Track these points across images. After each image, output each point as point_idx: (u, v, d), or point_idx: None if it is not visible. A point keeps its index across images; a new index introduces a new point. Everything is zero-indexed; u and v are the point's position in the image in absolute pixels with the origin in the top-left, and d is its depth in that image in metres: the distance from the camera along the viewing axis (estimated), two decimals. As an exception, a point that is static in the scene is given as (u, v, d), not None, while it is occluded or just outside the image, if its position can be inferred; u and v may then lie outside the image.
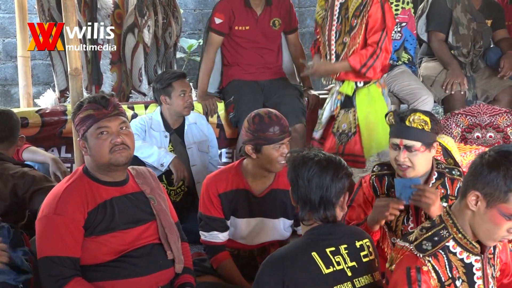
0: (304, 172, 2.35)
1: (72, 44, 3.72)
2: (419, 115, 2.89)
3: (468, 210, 2.15)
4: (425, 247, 2.16)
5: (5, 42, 7.53)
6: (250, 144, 3.16)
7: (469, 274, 2.19)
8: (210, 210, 3.23)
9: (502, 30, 5.13)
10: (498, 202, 2.07)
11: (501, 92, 4.89)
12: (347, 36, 3.99)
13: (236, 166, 3.34)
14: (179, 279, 2.85)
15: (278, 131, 3.16)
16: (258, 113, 3.23)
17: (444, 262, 2.16)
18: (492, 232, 2.12)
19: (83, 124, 2.70)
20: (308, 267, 2.26)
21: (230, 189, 3.25)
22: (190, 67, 7.71)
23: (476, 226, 2.15)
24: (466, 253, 2.19)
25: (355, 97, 4.11)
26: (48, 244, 2.61)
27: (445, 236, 2.19)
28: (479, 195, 2.10)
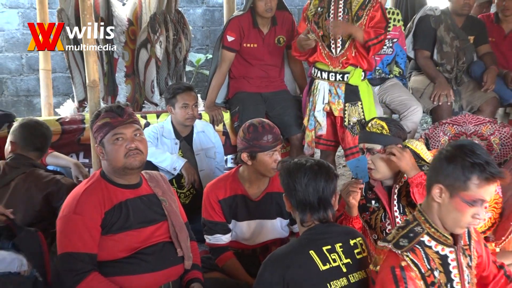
0: (300, 178, 2.37)
1: (90, 57, 3.74)
2: (376, 121, 2.97)
3: (435, 203, 2.21)
4: (402, 243, 2.19)
5: (28, 56, 7.55)
6: (246, 151, 3.18)
7: (445, 265, 2.22)
8: (212, 215, 3.24)
9: (485, 45, 5.12)
10: (459, 191, 2.12)
11: (484, 103, 4.89)
12: (356, 24, 4.06)
13: (233, 173, 3.35)
14: (188, 274, 2.85)
15: (271, 139, 3.18)
16: (252, 123, 3.24)
17: (421, 255, 2.18)
18: (458, 220, 2.17)
19: (100, 131, 2.71)
20: (306, 264, 2.26)
21: (229, 195, 3.26)
22: (198, 79, 7.73)
23: (443, 216, 2.20)
24: (441, 245, 2.22)
25: (359, 90, 4.18)
26: (68, 241, 2.61)
27: (419, 231, 2.23)
28: (442, 187, 2.16)
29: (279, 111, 4.61)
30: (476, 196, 2.12)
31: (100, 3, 4.82)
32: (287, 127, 4.47)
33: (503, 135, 4.15)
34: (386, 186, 3.05)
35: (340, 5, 4.07)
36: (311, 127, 4.24)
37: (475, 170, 2.10)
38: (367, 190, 3.05)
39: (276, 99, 4.68)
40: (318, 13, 4.13)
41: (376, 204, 3.06)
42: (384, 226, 3.02)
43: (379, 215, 3.05)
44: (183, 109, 4.09)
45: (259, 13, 4.50)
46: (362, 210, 3.04)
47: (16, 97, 7.68)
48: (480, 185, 2.11)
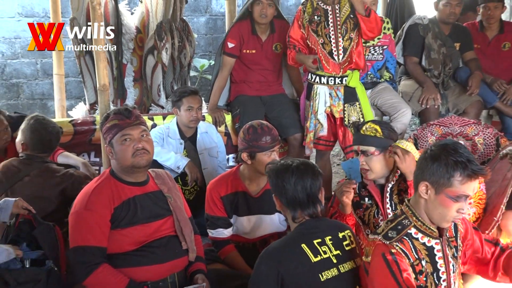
0: (288, 177, 2.40)
1: (100, 63, 3.74)
2: (370, 124, 2.99)
3: (422, 199, 2.23)
4: (390, 235, 2.21)
5: (42, 62, 7.55)
6: (246, 151, 3.18)
7: (431, 256, 2.24)
8: (215, 211, 3.24)
9: (470, 52, 5.12)
10: (444, 188, 2.14)
11: (469, 106, 4.89)
12: (352, 32, 4.12)
13: (234, 171, 3.35)
14: (192, 266, 2.85)
15: (270, 140, 3.18)
16: (252, 125, 3.24)
17: (409, 246, 2.20)
18: (444, 214, 2.19)
19: (109, 132, 2.71)
20: (299, 257, 2.28)
21: (230, 192, 3.26)
22: (201, 84, 7.72)
23: (430, 211, 2.22)
24: (427, 237, 2.25)
25: (357, 92, 4.21)
26: (79, 235, 2.62)
27: (407, 224, 2.25)
28: (427, 184, 2.19)
29: (277, 113, 4.61)
30: (460, 192, 2.14)
31: (110, 12, 4.82)
32: (285, 128, 4.47)
33: (487, 135, 4.15)
34: (378, 184, 3.06)
35: (338, 15, 4.10)
36: (311, 129, 4.25)
37: (458, 167, 2.12)
38: (361, 188, 3.05)
39: (274, 102, 4.68)
40: (316, 21, 4.12)
41: (369, 201, 3.07)
42: (377, 222, 3.03)
43: (372, 212, 3.06)
44: (188, 112, 4.08)
45: (254, 17, 4.51)
46: (356, 207, 3.05)
47: (32, 100, 7.68)
48: (463, 182, 2.13)
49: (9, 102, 7.48)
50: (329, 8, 4.12)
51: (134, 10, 5.12)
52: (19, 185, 3.40)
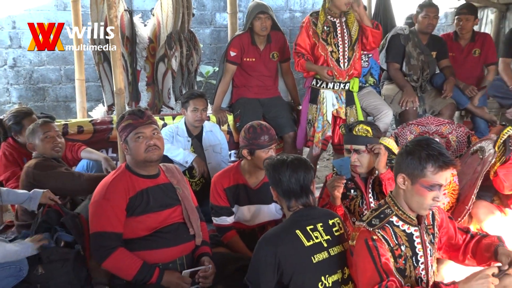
0: (284, 171, 2.41)
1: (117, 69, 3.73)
2: (362, 126, 3.02)
3: (400, 190, 2.24)
4: (374, 222, 2.22)
5: (66, 68, 7.54)
6: (246, 148, 3.19)
7: (410, 241, 2.25)
8: (219, 201, 3.24)
9: (445, 60, 5.12)
10: (418, 178, 2.16)
11: (444, 108, 4.89)
12: (356, 43, 4.19)
13: (236, 166, 3.35)
14: (198, 250, 2.86)
15: (267, 139, 3.19)
16: (252, 125, 3.25)
17: (390, 232, 2.22)
18: (421, 203, 2.20)
19: (124, 131, 2.71)
20: (294, 242, 2.28)
21: (232, 184, 3.26)
22: (207, 88, 7.70)
23: (408, 201, 2.23)
24: (407, 225, 2.26)
25: (354, 96, 4.30)
26: (98, 222, 2.62)
27: (389, 213, 2.26)
28: (404, 176, 2.21)
29: (274, 114, 4.62)
30: (433, 182, 2.15)
31: (125, 24, 4.82)
32: (280, 127, 4.47)
33: (459, 134, 4.16)
34: (362, 177, 3.10)
35: (345, 28, 4.15)
36: (319, 129, 4.23)
37: (430, 160, 2.14)
38: (347, 181, 3.06)
39: (271, 104, 4.68)
40: (326, 31, 4.14)
41: (355, 193, 3.10)
42: (361, 211, 3.06)
43: (357, 202, 3.08)
44: (193, 112, 4.07)
45: (256, 31, 4.53)
46: (343, 197, 3.06)
47: (56, 102, 7.67)
48: (435, 172, 2.14)
49: (36, 104, 7.47)
50: (337, 21, 4.16)
51: (147, 22, 5.11)
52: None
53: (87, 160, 3.96)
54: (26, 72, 7.46)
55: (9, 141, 3.84)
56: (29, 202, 3.03)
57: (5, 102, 7.41)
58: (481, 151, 3.71)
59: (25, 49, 7.37)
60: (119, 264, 2.60)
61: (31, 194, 3.05)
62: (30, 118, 3.84)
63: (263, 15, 4.45)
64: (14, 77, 7.42)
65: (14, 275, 2.67)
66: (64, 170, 3.49)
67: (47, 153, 3.48)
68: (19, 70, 7.43)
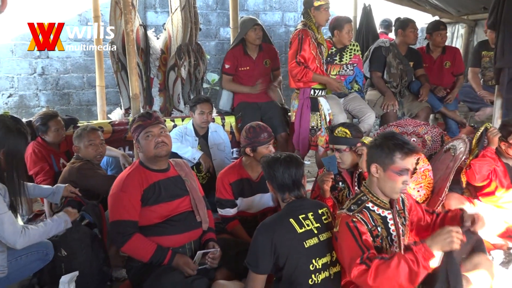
0: (278, 167, 2.42)
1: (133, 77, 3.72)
2: (341, 128, 3.05)
3: (374, 178, 2.27)
4: (352, 208, 2.26)
5: (88, 76, 7.54)
6: (248, 147, 3.19)
7: (385, 223, 2.28)
8: (224, 194, 3.23)
9: (420, 69, 5.13)
10: (389, 165, 2.20)
11: (420, 111, 4.90)
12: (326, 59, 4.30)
13: (238, 163, 3.33)
14: (205, 235, 2.84)
15: (267, 136, 3.20)
16: (252, 125, 3.25)
17: (368, 216, 2.24)
18: (393, 187, 2.23)
19: (136, 131, 2.72)
20: (288, 229, 2.28)
21: (237, 178, 3.24)
22: (212, 93, 7.69)
23: (382, 187, 2.26)
24: (381, 209, 2.28)
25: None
26: (117, 212, 2.61)
27: (365, 200, 2.29)
28: (377, 165, 2.25)
29: (269, 116, 4.60)
30: (402, 167, 2.20)
31: (140, 37, 4.82)
32: (274, 128, 4.44)
33: (434, 134, 4.15)
34: (349, 171, 3.10)
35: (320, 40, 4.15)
36: (323, 134, 4.16)
37: (397, 148, 2.19)
38: (336, 175, 3.06)
39: (267, 107, 4.67)
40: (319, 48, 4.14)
41: (343, 185, 3.09)
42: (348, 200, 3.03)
43: (344, 193, 3.08)
44: (200, 115, 4.06)
45: (250, 41, 4.57)
46: (332, 189, 3.06)
47: (79, 106, 7.67)
48: (402, 158, 2.19)
49: (62, 108, 7.47)
50: (319, 36, 4.16)
51: (159, 35, 5.10)
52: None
53: (106, 157, 3.95)
54: (53, 79, 7.46)
55: (38, 140, 3.83)
56: (53, 196, 3.02)
57: (35, 106, 7.41)
58: (453, 149, 3.71)
59: (52, 59, 7.37)
60: (136, 248, 2.59)
61: (54, 188, 3.03)
62: (55, 120, 3.83)
63: (258, 27, 4.54)
64: (43, 83, 7.42)
65: (41, 258, 2.65)
66: (102, 173, 3.50)
67: (89, 158, 3.46)
68: (47, 78, 7.43)
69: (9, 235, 2.38)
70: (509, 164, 3.46)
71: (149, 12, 7.86)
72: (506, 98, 4.17)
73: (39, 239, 2.56)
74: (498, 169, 3.43)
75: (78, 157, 3.47)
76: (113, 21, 4.64)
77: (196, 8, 4.94)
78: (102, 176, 3.43)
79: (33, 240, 2.50)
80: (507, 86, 4.11)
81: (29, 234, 2.45)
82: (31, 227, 2.52)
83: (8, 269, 2.49)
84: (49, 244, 2.69)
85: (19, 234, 2.40)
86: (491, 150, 3.41)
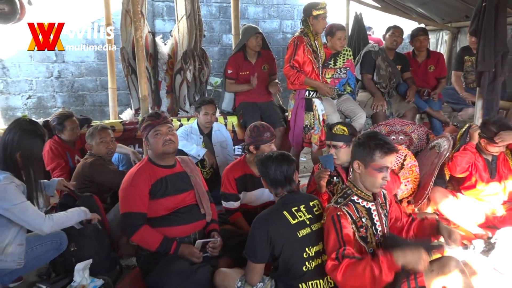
0: (270, 165, 2.42)
1: (142, 80, 3.71)
2: (340, 126, 3.04)
3: (357, 173, 2.29)
4: (339, 201, 2.26)
5: (101, 79, 7.53)
6: (252, 145, 3.18)
7: (369, 214, 2.28)
8: (229, 189, 3.22)
9: (407, 72, 5.12)
10: (369, 163, 2.21)
11: (407, 111, 4.89)
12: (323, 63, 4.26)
13: (242, 160, 3.32)
14: (209, 226, 2.84)
15: (269, 135, 3.19)
16: (255, 125, 3.24)
17: (353, 208, 2.24)
18: (373, 182, 2.24)
19: (145, 130, 2.71)
20: (282, 220, 2.28)
21: (241, 174, 3.23)
22: (215, 95, 7.69)
23: (364, 181, 2.27)
24: (365, 202, 2.28)
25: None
26: (127, 205, 2.61)
27: (350, 193, 2.30)
28: (358, 162, 2.26)
29: (268, 113, 4.61)
30: (381, 165, 2.20)
31: (149, 43, 4.81)
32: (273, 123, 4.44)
33: (420, 132, 4.15)
34: (344, 167, 3.09)
35: (317, 46, 4.10)
36: (316, 132, 4.15)
37: (377, 147, 2.20)
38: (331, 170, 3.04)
39: (266, 107, 4.68)
40: (314, 50, 4.07)
41: (337, 179, 3.09)
42: None
43: (339, 187, 3.08)
44: (205, 116, 4.06)
45: (251, 47, 4.59)
46: (328, 183, 3.06)
47: (93, 107, 7.66)
48: (382, 157, 2.20)
49: (76, 108, 7.47)
50: (316, 42, 4.10)
51: (167, 42, 5.09)
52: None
53: (117, 154, 3.94)
54: (68, 82, 7.45)
55: (55, 138, 3.83)
56: (48, 189, 3.00)
57: (52, 107, 7.40)
58: (438, 147, 3.70)
59: (68, 63, 7.36)
60: (144, 238, 2.58)
61: (49, 182, 3.02)
62: (70, 119, 3.83)
63: (259, 35, 4.56)
64: (59, 86, 7.42)
65: (56, 248, 2.66)
66: (112, 168, 3.49)
67: (100, 154, 3.46)
68: (63, 81, 7.42)
69: (34, 220, 2.40)
70: (489, 159, 3.46)
71: (157, 20, 7.85)
72: (487, 99, 4.16)
73: (63, 224, 2.57)
74: (479, 164, 3.43)
75: (91, 154, 3.47)
76: (124, 28, 4.63)
77: (200, 16, 4.93)
78: (113, 171, 3.43)
79: (58, 224, 2.52)
80: (487, 88, 4.10)
81: (53, 219, 2.48)
82: (54, 214, 2.55)
83: (25, 259, 2.49)
84: (63, 234, 2.69)
85: (43, 218, 2.43)
86: (471, 144, 3.42)
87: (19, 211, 2.34)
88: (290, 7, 8.66)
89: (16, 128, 2.44)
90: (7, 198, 2.32)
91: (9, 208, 2.33)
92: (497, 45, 3.95)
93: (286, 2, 8.61)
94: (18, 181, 2.41)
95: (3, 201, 2.32)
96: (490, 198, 3.45)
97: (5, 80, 7.13)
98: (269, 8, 8.53)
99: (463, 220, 3.35)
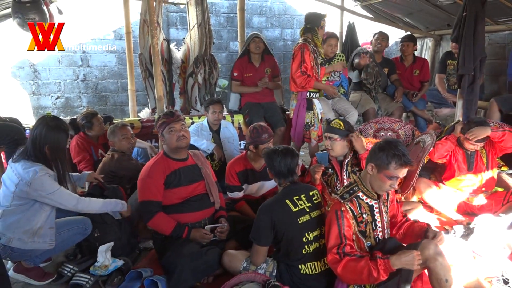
0: (276, 158, 2.41)
1: (158, 82, 3.69)
2: (337, 121, 3.01)
3: (368, 174, 2.20)
4: (345, 196, 2.20)
5: (121, 81, 7.51)
6: (252, 144, 3.16)
7: (371, 211, 2.22)
8: (232, 181, 3.21)
9: (394, 75, 5.10)
10: (383, 170, 2.12)
11: (395, 110, 4.87)
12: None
13: (244, 155, 3.30)
14: (217, 213, 2.83)
15: (267, 136, 3.16)
16: (255, 127, 3.21)
17: (356, 204, 2.18)
18: (381, 187, 2.17)
19: (161, 127, 2.70)
20: (284, 208, 2.27)
21: (242, 168, 3.22)
22: (223, 96, 7.66)
23: (372, 183, 2.20)
24: (369, 199, 2.22)
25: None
26: (144, 194, 2.60)
27: (357, 190, 2.22)
28: (373, 165, 2.16)
29: (270, 113, 4.59)
30: (393, 174, 2.11)
31: (164, 49, 4.79)
32: (274, 123, 4.46)
33: (406, 129, 4.12)
34: (339, 160, 3.06)
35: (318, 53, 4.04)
36: (315, 129, 4.08)
37: (395, 158, 2.09)
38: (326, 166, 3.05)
39: (269, 107, 4.65)
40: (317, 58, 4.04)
41: (332, 171, 3.06)
42: (335, 185, 3.03)
43: (333, 178, 3.05)
44: (213, 114, 4.04)
45: (251, 50, 4.60)
46: (323, 174, 3.05)
47: (114, 106, 7.65)
48: (396, 168, 2.10)
49: (100, 108, 7.46)
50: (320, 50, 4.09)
51: (180, 48, 5.07)
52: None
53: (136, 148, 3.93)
54: (92, 84, 7.44)
55: (81, 134, 3.84)
56: (79, 181, 3.00)
57: (78, 106, 7.40)
58: (422, 142, 3.67)
59: (92, 68, 7.35)
60: (159, 224, 2.58)
61: (80, 175, 3.02)
62: (96, 117, 3.85)
63: (257, 39, 4.57)
64: (84, 88, 7.41)
65: (81, 232, 2.66)
66: (133, 163, 3.49)
67: (122, 149, 3.46)
68: (88, 83, 7.41)
69: (70, 201, 2.46)
70: (468, 153, 3.43)
71: (172, 29, 7.82)
72: (466, 100, 4.12)
73: (98, 208, 2.62)
74: (458, 156, 3.40)
75: (114, 149, 3.46)
76: (142, 36, 4.61)
77: (210, 25, 4.90)
78: (134, 165, 3.43)
79: (92, 205, 2.58)
80: (467, 90, 4.07)
81: (86, 200, 2.54)
82: (91, 198, 2.61)
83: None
84: (88, 220, 2.69)
85: (77, 199, 2.49)
86: (453, 136, 3.45)
87: (57, 197, 2.40)
88: (290, 17, 8.61)
89: (42, 124, 2.44)
90: (45, 187, 2.36)
91: (48, 196, 2.38)
92: (476, 51, 3.92)
93: (286, 13, 8.56)
94: (51, 171, 2.43)
95: (42, 190, 2.36)
96: (468, 188, 3.42)
97: (37, 82, 7.13)
98: (271, 18, 8.49)
99: (445, 207, 3.33)
